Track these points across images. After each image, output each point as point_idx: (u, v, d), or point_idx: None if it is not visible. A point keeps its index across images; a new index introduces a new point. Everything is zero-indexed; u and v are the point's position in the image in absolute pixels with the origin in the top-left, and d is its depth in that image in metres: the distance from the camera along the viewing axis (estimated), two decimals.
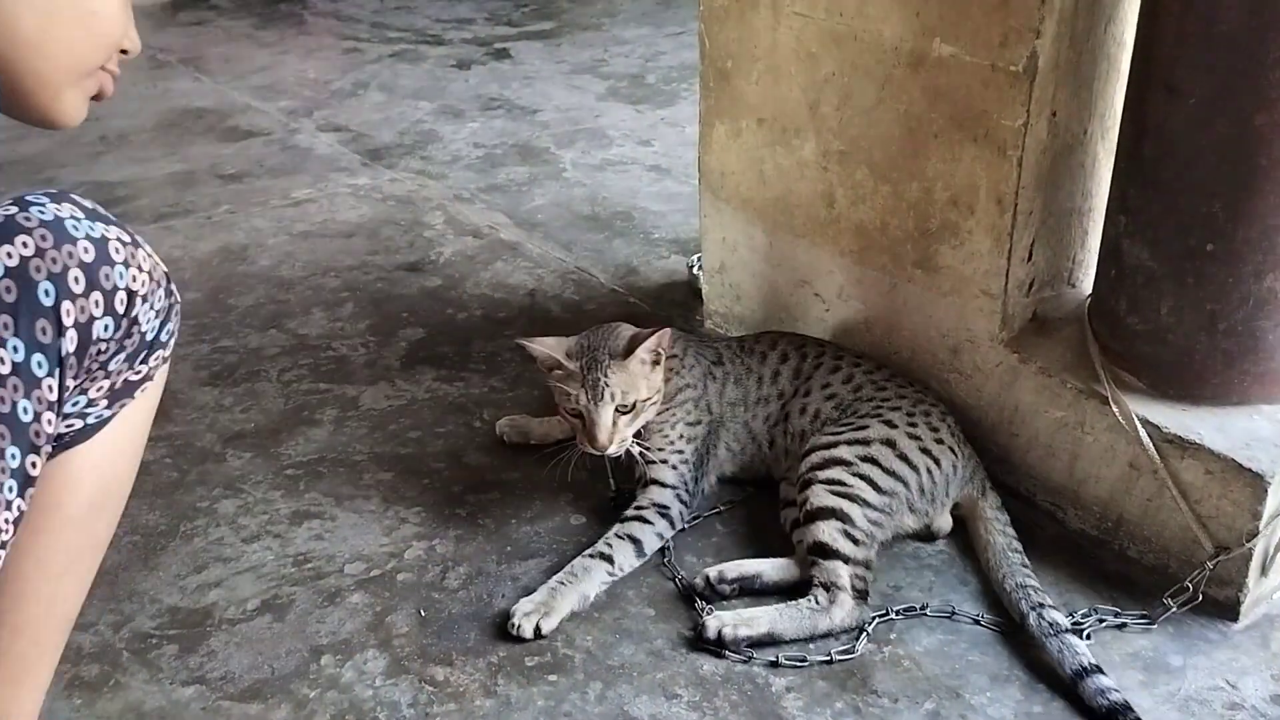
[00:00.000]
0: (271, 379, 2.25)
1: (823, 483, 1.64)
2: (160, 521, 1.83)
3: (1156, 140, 1.57)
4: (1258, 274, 1.54)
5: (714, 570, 1.64)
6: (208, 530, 1.81)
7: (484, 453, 2.00)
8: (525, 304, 2.53)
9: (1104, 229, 1.73)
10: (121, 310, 1.06)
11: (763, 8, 1.97)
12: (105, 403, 1.14)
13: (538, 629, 1.56)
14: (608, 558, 1.66)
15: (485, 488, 1.90)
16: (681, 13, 5.03)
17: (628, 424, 1.69)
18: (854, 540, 1.60)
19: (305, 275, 2.69)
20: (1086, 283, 1.87)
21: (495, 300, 2.55)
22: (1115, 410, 1.64)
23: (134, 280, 1.06)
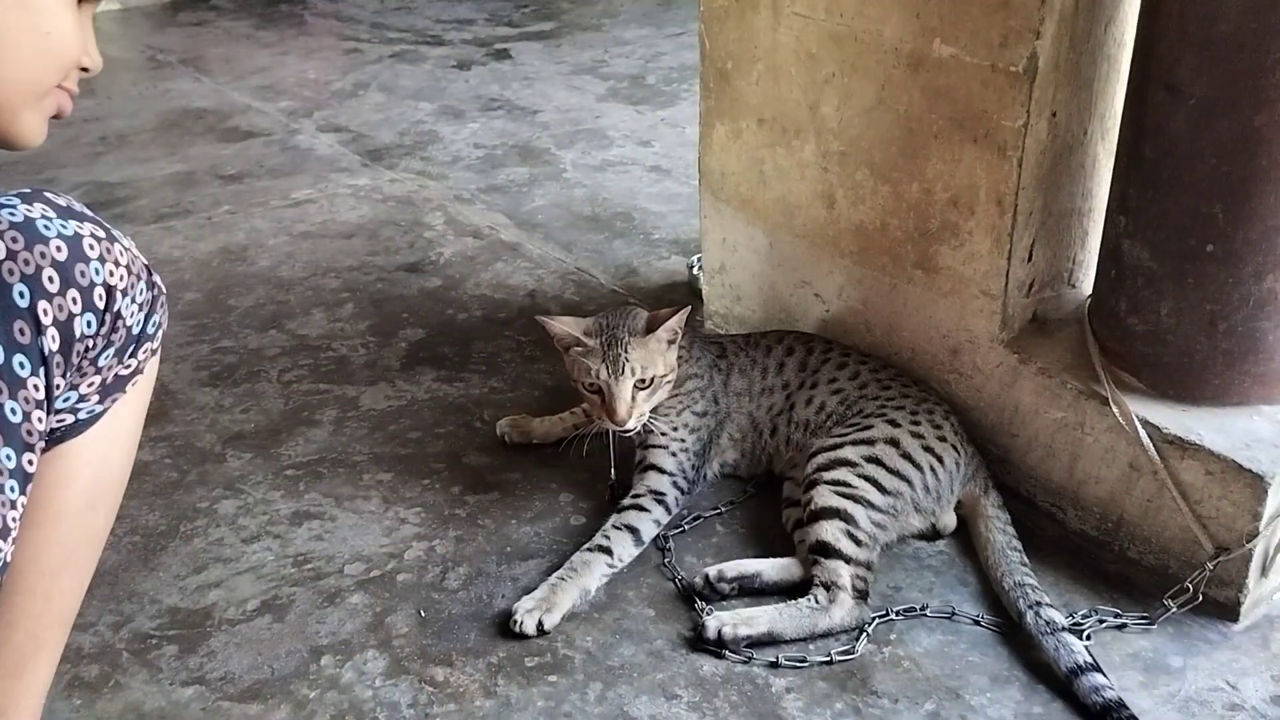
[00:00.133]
0: (271, 379, 2.25)
1: (828, 483, 1.65)
2: (160, 522, 1.83)
3: (1156, 140, 1.57)
4: (1258, 275, 1.54)
5: (713, 569, 1.64)
6: (208, 531, 1.81)
7: (484, 453, 2.00)
8: (525, 305, 2.53)
9: (1104, 229, 1.73)
10: (102, 306, 1.06)
11: (763, 8, 1.97)
12: (97, 398, 1.14)
13: (540, 625, 1.56)
14: (607, 550, 1.66)
15: (485, 488, 1.90)
16: (682, 13, 5.04)
17: (645, 399, 1.71)
18: (856, 541, 1.60)
19: (305, 276, 2.70)
20: (1086, 283, 1.87)
21: (495, 301, 2.55)
22: (1115, 411, 1.64)
23: (111, 275, 1.06)
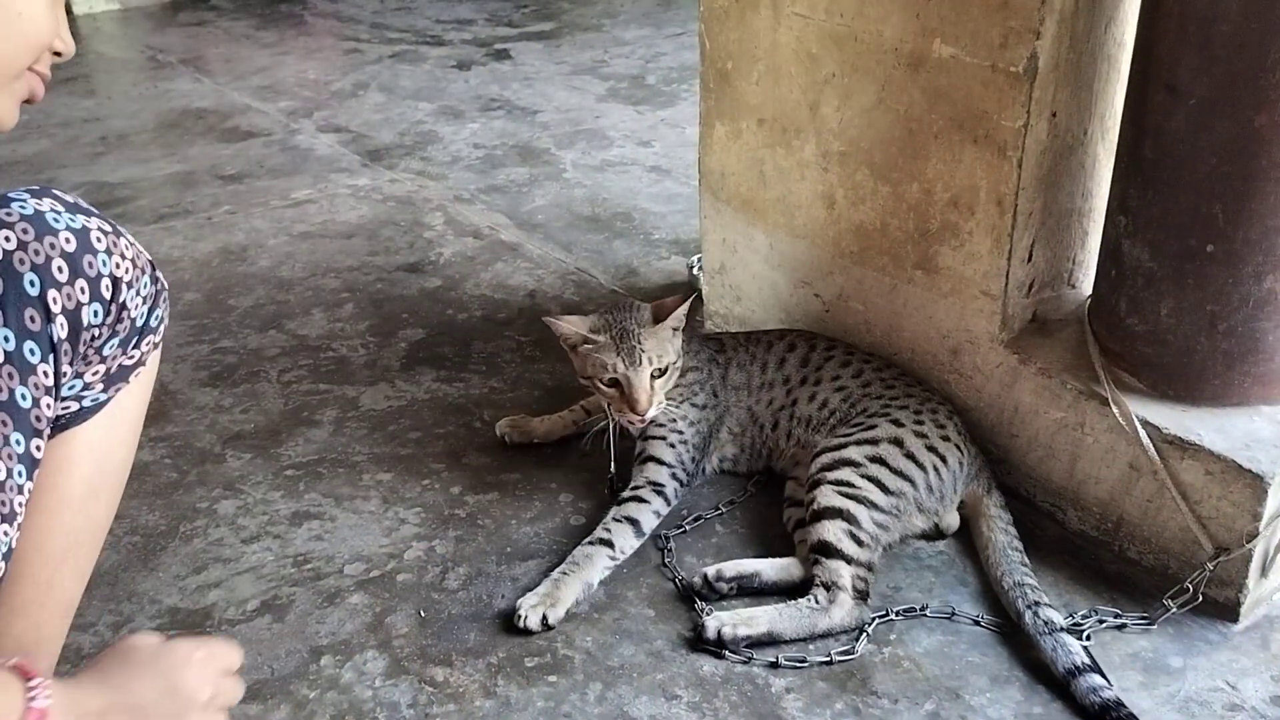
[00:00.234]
0: (271, 379, 2.25)
1: (831, 483, 1.65)
2: (160, 522, 1.83)
3: (1156, 140, 1.57)
4: (1258, 275, 1.54)
5: (712, 569, 1.64)
6: (207, 531, 1.81)
7: (484, 453, 2.00)
8: (525, 305, 2.53)
9: (1104, 229, 1.73)
10: (108, 296, 1.10)
11: (763, 8, 1.97)
12: (101, 386, 1.17)
13: (544, 620, 1.57)
14: (608, 543, 1.67)
15: (485, 488, 1.90)
16: (682, 13, 5.04)
17: (661, 386, 1.75)
18: (858, 541, 1.60)
19: (305, 276, 2.70)
20: (1086, 283, 1.87)
21: (495, 301, 2.55)
22: (1115, 411, 1.64)
23: (118, 267, 1.10)
